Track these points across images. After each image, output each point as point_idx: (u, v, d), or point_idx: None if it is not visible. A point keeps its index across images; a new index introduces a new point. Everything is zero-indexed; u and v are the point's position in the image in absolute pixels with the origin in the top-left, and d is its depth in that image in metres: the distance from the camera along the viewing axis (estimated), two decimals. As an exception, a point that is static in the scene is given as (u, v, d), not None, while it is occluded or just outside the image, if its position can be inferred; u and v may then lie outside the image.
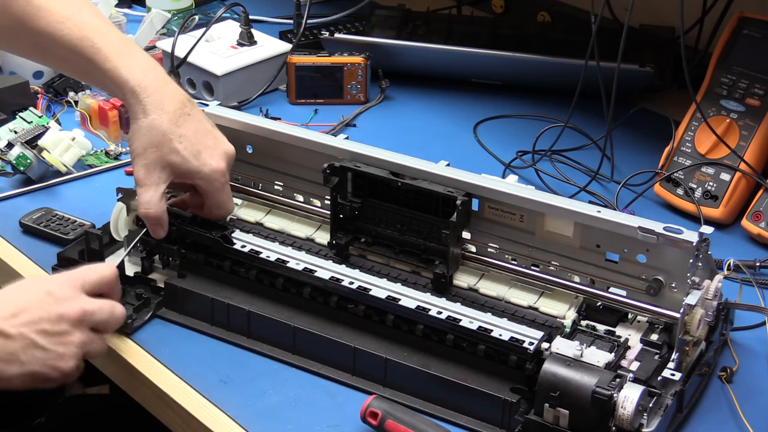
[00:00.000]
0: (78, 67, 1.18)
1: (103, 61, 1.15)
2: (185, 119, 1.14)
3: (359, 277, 1.12)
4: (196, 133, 1.15)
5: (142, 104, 1.13)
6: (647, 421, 0.97)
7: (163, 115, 1.13)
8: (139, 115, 1.14)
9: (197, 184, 1.17)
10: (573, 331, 1.09)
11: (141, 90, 1.14)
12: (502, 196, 1.13)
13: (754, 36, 1.37)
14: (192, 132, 1.15)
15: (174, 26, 1.73)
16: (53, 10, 1.16)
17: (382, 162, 1.17)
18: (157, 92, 1.14)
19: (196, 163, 1.14)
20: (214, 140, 1.17)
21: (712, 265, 1.08)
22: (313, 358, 1.11)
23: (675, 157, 1.40)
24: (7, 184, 1.40)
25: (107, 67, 1.15)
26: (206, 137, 1.16)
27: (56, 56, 1.19)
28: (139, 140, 1.14)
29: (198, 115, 1.17)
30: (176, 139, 1.13)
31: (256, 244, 1.16)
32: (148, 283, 1.19)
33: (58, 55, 1.18)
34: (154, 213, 1.14)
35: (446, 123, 1.60)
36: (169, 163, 1.14)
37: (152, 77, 1.15)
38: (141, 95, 1.13)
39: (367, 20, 1.75)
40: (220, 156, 1.16)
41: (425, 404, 1.05)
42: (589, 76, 1.38)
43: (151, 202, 1.14)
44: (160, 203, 1.15)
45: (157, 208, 1.14)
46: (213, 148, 1.16)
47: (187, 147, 1.14)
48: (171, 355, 1.12)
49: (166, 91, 1.15)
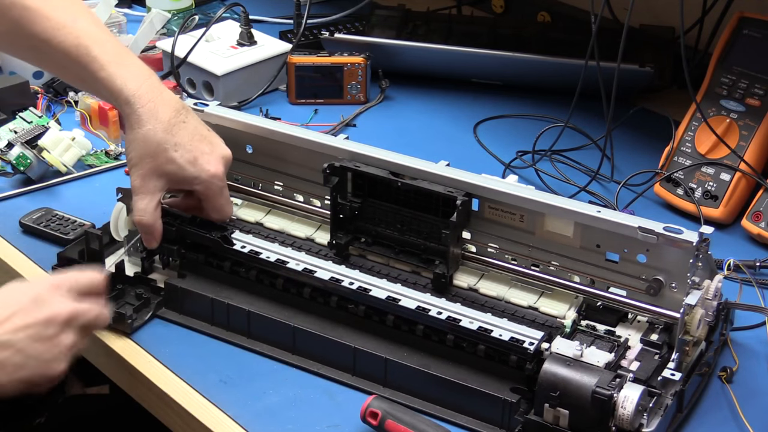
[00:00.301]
0: (74, 73, 1.18)
1: (97, 70, 1.15)
2: (180, 127, 1.15)
3: (359, 277, 1.12)
4: (192, 140, 1.15)
5: (136, 114, 1.13)
6: (647, 421, 0.97)
7: (158, 124, 1.13)
8: (134, 125, 1.14)
9: (195, 190, 1.17)
10: (573, 331, 1.09)
11: (135, 100, 1.14)
12: (502, 196, 1.13)
13: (754, 36, 1.37)
14: (188, 139, 1.15)
15: (174, 26, 1.73)
16: (49, 17, 1.16)
17: (382, 162, 1.17)
18: (151, 102, 1.14)
19: (192, 171, 1.15)
20: (210, 146, 1.17)
21: (712, 265, 1.08)
22: (313, 358, 1.11)
23: (675, 157, 1.40)
24: (7, 184, 1.40)
25: (101, 76, 1.15)
26: (202, 143, 1.16)
27: (53, 62, 1.19)
28: (134, 150, 1.14)
29: (193, 122, 1.17)
30: (171, 148, 1.13)
31: (255, 245, 1.16)
32: (148, 283, 1.19)
33: (55, 61, 1.18)
34: (147, 221, 1.15)
35: (446, 123, 1.60)
36: (166, 172, 1.14)
37: (146, 86, 1.15)
38: (135, 105, 1.14)
39: (367, 20, 1.75)
40: (217, 161, 1.16)
41: (425, 404, 1.05)
42: (589, 76, 1.38)
43: (146, 210, 1.14)
44: (154, 212, 1.15)
45: (150, 217, 1.15)
46: (209, 154, 1.16)
47: (183, 155, 1.14)
48: (171, 355, 1.12)
49: (160, 100, 1.15)
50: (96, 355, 1.17)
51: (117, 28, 1.73)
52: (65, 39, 1.16)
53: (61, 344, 1.02)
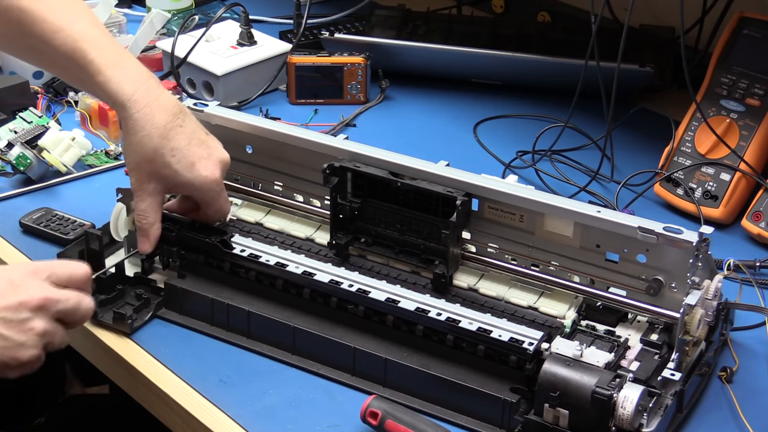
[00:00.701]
0: (73, 75, 1.18)
1: (95, 74, 1.15)
2: (177, 132, 1.14)
3: (358, 279, 1.12)
4: (189, 145, 1.15)
5: (132, 119, 1.13)
6: (647, 421, 0.97)
7: (154, 129, 1.13)
8: (131, 130, 1.14)
9: (193, 194, 1.17)
10: (573, 331, 1.09)
11: (131, 104, 1.13)
12: (502, 196, 1.13)
13: (754, 36, 1.37)
14: (185, 144, 1.14)
15: (174, 26, 1.73)
16: (47, 19, 1.16)
17: (382, 162, 1.17)
18: (148, 106, 1.13)
19: (189, 176, 1.15)
20: (207, 150, 1.16)
21: (712, 265, 1.08)
22: (312, 358, 1.11)
23: (675, 157, 1.40)
24: (7, 184, 1.40)
25: (99, 80, 1.15)
26: (200, 148, 1.16)
27: (52, 63, 1.19)
28: (132, 155, 1.14)
29: (191, 126, 1.16)
30: (168, 153, 1.13)
31: (255, 248, 1.16)
32: (148, 284, 1.19)
33: (54, 62, 1.19)
34: (147, 222, 1.15)
35: (446, 123, 1.60)
36: (163, 176, 1.14)
37: (143, 90, 1.14)
38: (131, 110, 1.13)
39: (367, 20, 1.75)
40: (215, 165, 1.16)
41: (425, 404, 1.05)
42: (589, 76, 1.38)
43: (148, 211, 1.15)
44: (156, 213, 1.16)
45: (151, 218, 1.15)
46: (207, 159, 1.16)
47: (180, 160, 1.14)
48: (171, 355, 1.12)
49: (156, 104, 1.14)
50: (96, 355, 1.17)
51: (117, 28, 1.73)
52: (63, 42, 1.15)
53: (31, 330, 0.99)
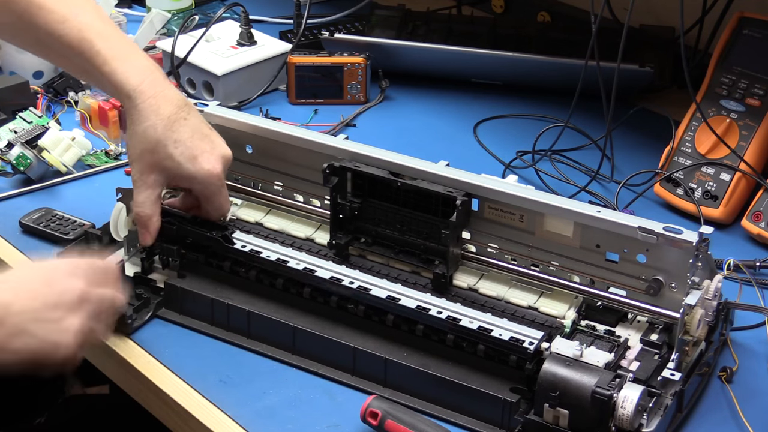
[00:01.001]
0: (78, 66, 1.19)
1: (101, 65, 1.15)
2: (181, 124, 1.15)
3: (359, 277, 1.12)
4: (192, 138, 1.15)
5: (137, 109, 1.14)
6: (647, 421, 0.97)
7: (158, 120, 1.13)
8: (135, 120, 1.14)
9: (193, 188, 1.17)
10: (573, 331, 1.09)
11: (137, 95, 1.14)
12: (502, 196, 1.13)
13: (754, 36, 1.37)
14: (188, 136, 1.15)
15: (174, 26, 1.73)
16: (53, 9, 1.16)
17: (382, 162, 1.17)
18: (153, 97, 1.14)
19: (191, 168, 1.15)
20: (210, 144, 1.17)
21: (711, 265, 1.08)
22: (312, 358, 1.11)
23: (675, 157, 1.40)
24: (7, 184, 1.40)
25: (104, 71, 1.15)
26: (203, 141, 1.16)
27: (57, 54, 1.20)
28: (135, 146, 1.15)
29: (195, 119, 1.17)
30: (171, 144, 1.14)
31: (256, 244, 1.16)
32: (147, 283, 1.19)
33: (59, 53, 1.19)
34: (146, 213, 1.15)
35: (446, 123, 1.60)
36: (165, 167, 1.14)
37: (149, 81, 1.15)
38: (137, 100, 1.14)
39: (367, 20, 1.75)
40: (216, 160, 1.16)
41: (425, 404, 1.05)
42: (589, 76, 1.38)
43: (146, 203, 1.15)
44: (153, 205, 1.15)
45: (149, 209, 1.15)
46: (209, 153, 1.16)
47: (183, 152, 1.14)
48: (171, 355, 1.12)
49: (162, 95, 1.15)
50: (96, 355, 1.17)
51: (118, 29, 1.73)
52: (69, 32, 1.16)
53: (68, 327, 1.00)
